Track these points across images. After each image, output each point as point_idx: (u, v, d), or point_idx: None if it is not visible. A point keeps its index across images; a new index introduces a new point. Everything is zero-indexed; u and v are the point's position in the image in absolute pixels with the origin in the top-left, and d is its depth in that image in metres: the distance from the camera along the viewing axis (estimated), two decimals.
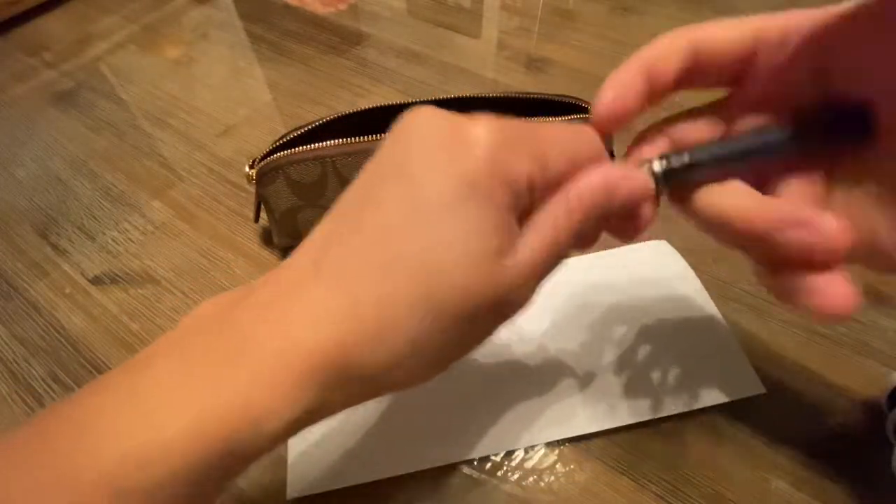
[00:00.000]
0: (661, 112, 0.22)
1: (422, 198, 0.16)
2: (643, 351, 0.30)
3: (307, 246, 0.18)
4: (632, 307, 0.32)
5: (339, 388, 0.16)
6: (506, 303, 0.18)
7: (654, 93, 0.20)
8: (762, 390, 0.28)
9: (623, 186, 0.19)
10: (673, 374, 0.29)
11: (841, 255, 0.17)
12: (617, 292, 0.32)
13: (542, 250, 0.18)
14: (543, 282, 0.19)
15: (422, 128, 0.18)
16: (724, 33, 0.19)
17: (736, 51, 0.19)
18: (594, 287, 0.33)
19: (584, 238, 0.20)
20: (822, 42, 0.17)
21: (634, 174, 0.19)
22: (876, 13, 0.16)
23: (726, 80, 0.20)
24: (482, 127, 0.17)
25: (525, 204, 0.18)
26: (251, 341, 0.16)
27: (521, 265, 0.17)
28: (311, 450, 0.27)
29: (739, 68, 0.19)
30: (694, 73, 0.20)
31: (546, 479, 0.27)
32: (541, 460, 0.27)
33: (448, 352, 0.18)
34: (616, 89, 0.20)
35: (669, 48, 0.20)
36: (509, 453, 0.27)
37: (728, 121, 0.20)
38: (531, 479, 0.27)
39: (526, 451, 0.28)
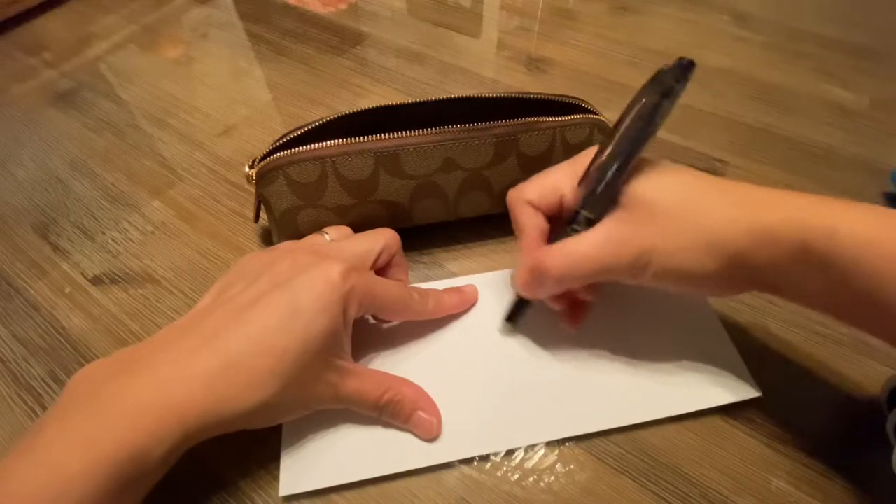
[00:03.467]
0: None
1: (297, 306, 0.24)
2: (640, 353, 0.30)
3: (195, 314, 0.25)
4: (628, 309, 0.32)
5: (203, 430, 0.22)
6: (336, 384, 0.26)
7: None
8: (758, 394, 0.28)
9: None
10: (669, 376, 0.29)
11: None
12: (613, 295, 0.32)
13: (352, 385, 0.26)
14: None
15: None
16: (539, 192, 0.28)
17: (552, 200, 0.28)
18: None
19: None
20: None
21: (430, 414, 0.28)
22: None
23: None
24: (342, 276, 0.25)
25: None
26: (131, 400, 0.21)
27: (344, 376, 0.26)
28: (305, 447, 0.27)
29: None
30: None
31: (546, 479, 0.27)
32: (541, 460, 0.27)
33: (289, 409, 0.25)
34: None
35: (530, 217, 0.28)
36: (509, 453, 0.28)
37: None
38: (531, 479, 0.27)
39: (526, 451, 0.28)
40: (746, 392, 0.28)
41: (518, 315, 0.31)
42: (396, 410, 0.27)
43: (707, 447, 0.27)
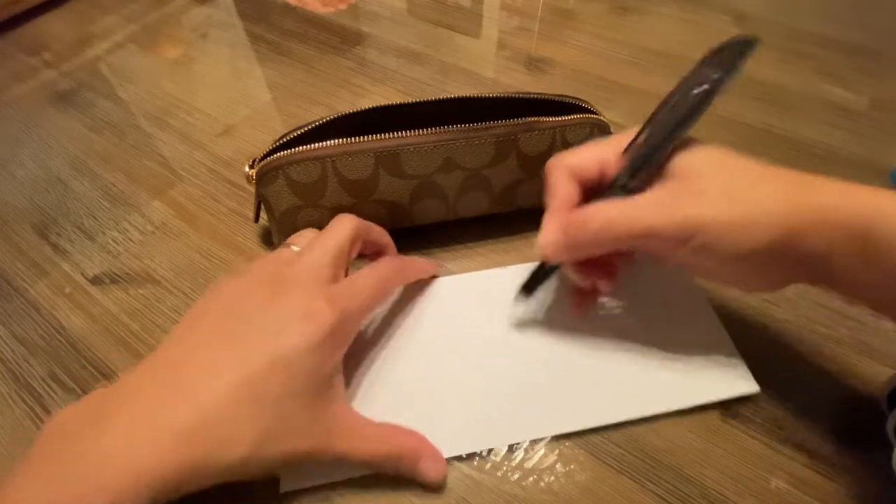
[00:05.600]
0: None
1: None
2: (638, 349, 0.30)
3: (171, 347, 0.24)
4: (626, 307, 0.32)
5: (175, 490, 0.20)
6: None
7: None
8: (756, 390, 0.28)
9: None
10: (668, 372, 0.29)
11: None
12: (613, 293, 0.32)
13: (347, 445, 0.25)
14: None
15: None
16: (580, 159, 0.27)
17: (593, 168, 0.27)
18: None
19: None
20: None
21: (435, 461, 0.27)
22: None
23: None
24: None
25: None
26: (96, 459, 0.20)
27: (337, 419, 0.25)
28: None
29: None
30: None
31: (546, 479, 0.27)
32: (541, 460, 0.27)
33: (271, 464, 0.23)
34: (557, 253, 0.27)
35: (564, 182, 0.27)
36: (510, 452, 0.28)
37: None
38: (531, 479, 0.27)
39: (526, 451, 0.28)
40: (744, 387, 0.28)
41: (535, 284, 0.30)
42: (399, 463, 0.25)
43: (707, 447, 0.27)
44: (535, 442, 0.28)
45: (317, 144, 0.31)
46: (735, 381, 0.29)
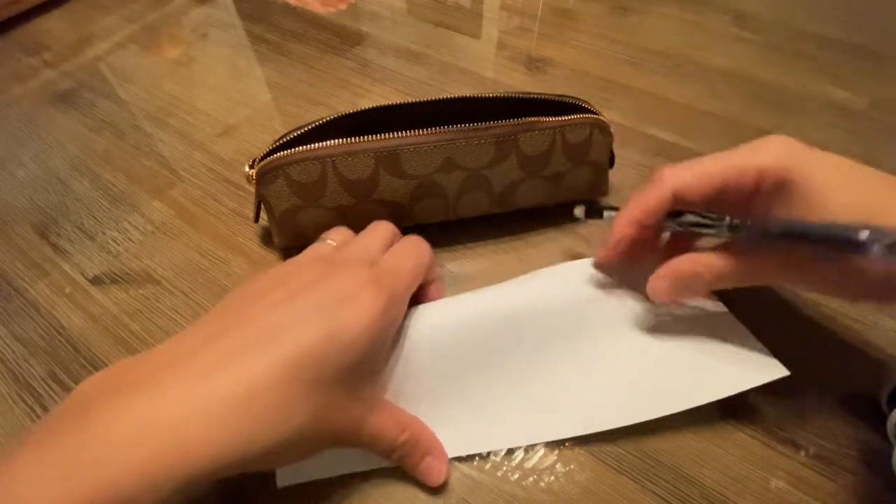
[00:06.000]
0: None
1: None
2: (659, 346, 0.29)
3: (209, 323, 0.22)
4: (640, 304, 0.31)
5: (212, 474, 0.18)
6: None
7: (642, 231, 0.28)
8: (787, 372, 0.27)
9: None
10: (695, 366, 0.28)
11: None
12: (625, 294, 0.31)
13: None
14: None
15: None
16: (698, 183, 0.26)
17: (707, 194, 0.26)
18: (600, 284, 0.31)
19: None
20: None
21: (439, 460, 0.27)
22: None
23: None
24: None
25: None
26: (121, 429, 0.17)
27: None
28: None
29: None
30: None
31: (546, 479, 0.27)
32: (541, 460, 0.27)
33: (307, 447, 0.22)
34: (615, 248, 0.28)
35: (658, 202, 0.26)
36: (510, 453, 0.28)
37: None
38: (531, 479, 0.27)
39: (526, 451, 0.28)
40: (775, 371, 0.27)
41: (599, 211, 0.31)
42: (410, 453, 0.25)
43: (707, 447, 0.27)
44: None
45: (317, 144, 0.31)
46: (764, 367, 0.28)
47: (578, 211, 0.33)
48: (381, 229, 0.29)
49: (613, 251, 0.28)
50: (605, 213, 0.32)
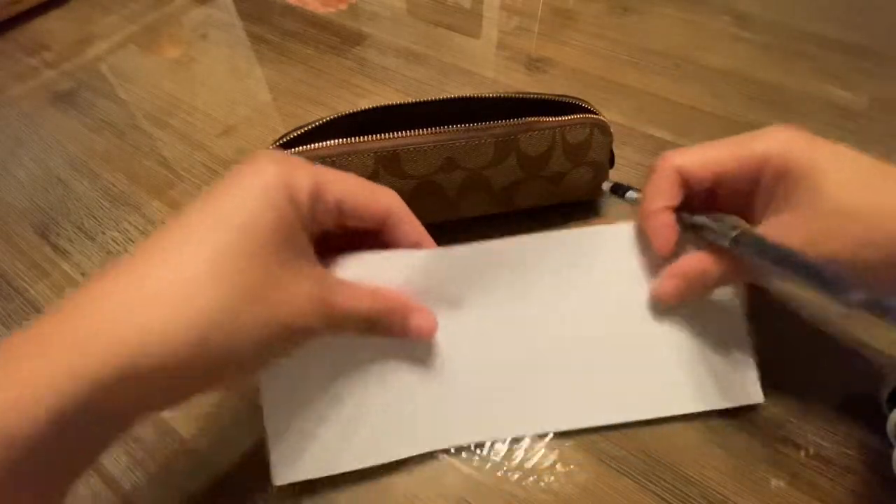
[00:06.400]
0: None
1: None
2: (655, 344, 0.29)
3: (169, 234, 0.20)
4: (641, 297, 0.29)
5: (191, 357, 0.18)
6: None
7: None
8: (760, 399, 0.28)
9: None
10: (679, 374, 0.28)
11: None
12: (632, 290, 0.29)
13: (341, 305, 0.22)
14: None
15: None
16: (701, 161, 0.26)
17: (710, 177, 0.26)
18: (608, 270, 0.29)
19: None
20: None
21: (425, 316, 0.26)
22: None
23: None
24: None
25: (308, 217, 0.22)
26: (106, 324, 0.17)
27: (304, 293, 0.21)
28: (298, 434, 0.26)
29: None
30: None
31: (546, 479, 0.27)
32: (541, 460, 0.27)
33: (260, 332, 0.20)
34: (663, 242, 0.27)
35: (667, 181, 0.26)
36: (510, 453, 0.28)
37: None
38: (531, 479, 0.27)
39: (526, 451, 0.28)
40: (750, 397, 0.28)
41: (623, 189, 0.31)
42: (392, 318, 0.24)
43: (707, 447, 0.27)
44: (535, 441, 0.28)
45: (317, 144, 0.31)
46: (742, 391, 0.28)
47: (606, 185, 0.33)
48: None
49: (664, 246, 0.26)
50: (628, 194, 0.31)
